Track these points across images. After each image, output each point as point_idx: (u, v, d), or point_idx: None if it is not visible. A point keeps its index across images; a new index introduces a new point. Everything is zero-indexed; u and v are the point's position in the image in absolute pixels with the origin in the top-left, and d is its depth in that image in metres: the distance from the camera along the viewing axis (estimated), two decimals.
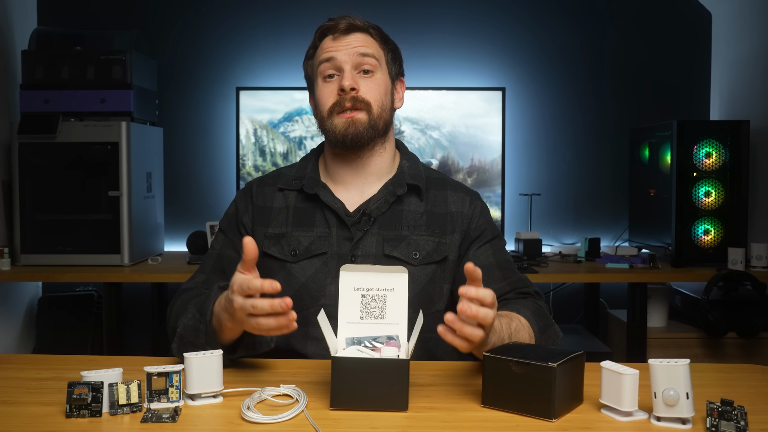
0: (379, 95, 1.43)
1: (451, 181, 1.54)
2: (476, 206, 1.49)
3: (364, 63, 1.43)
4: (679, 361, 0.98)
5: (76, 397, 1.01)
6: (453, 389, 1.15)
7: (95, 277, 2.70)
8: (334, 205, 1.43)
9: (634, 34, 3.34)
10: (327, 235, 1.42)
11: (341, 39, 1.44)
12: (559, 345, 1.34)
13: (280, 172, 1.54)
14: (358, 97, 1.41)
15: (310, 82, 1.50)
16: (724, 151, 2.79)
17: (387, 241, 1.42)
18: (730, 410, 0.96)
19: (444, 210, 1.47)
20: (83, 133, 2.72)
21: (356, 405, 1.04)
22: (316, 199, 1.45)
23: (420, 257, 1.42)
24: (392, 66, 1.49)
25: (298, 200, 1.47)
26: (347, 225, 1.42)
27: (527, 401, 1.02)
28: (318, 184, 1.46)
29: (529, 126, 3.32)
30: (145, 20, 3.29)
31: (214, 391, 1.08)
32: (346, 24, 1.44)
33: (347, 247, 1.41)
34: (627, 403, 1.00)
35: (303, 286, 1.40)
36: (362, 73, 1.43)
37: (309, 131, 3.07)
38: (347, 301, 1.13)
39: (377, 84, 1.44)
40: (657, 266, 2.76)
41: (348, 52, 1.42)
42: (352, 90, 1.40)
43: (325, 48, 1.44)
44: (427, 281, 1.42)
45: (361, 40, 1.44)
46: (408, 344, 1.11)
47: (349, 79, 1.40)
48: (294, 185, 1.48)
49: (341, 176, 1.47)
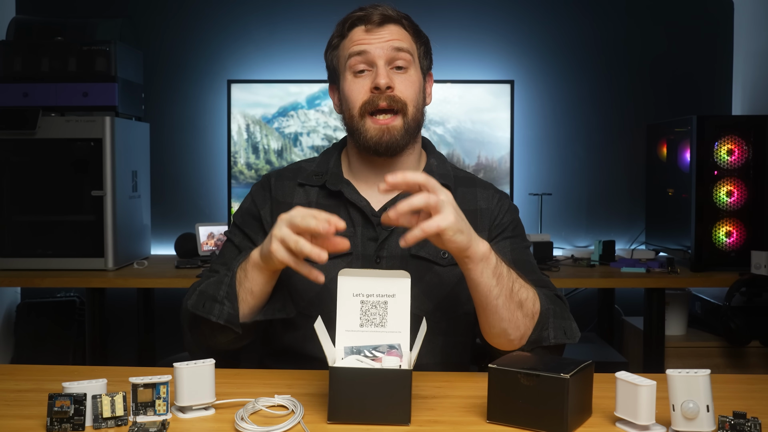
0: (414, 93, 1.43)
1: (480, 180, 1.55)
2: (504, 203, 1.50)
3: (399, 58, 1.41)
4: (699, 371, 0.98)
5: (57, 409, 1.01)
6: (458, 401, 1.16)
7: (77, 282, 2.70)
8: (360, 202, 1.43)
9: (652, 24, 3.34)
10: (352, 234, 1.42)
11: (375, 31, 1.42)
12: (571, 342, 1.34)
13: (299, 166, 1.53)
14: (394, 97, 1.40)
15: (334, 74, 1.49)
16: (747, 147, 2.79)
17: None
18: (743, 422, 0.96)
19: (474, 207, 1.47)
20: (64, 128, 2.72)
21: (355, 418, 1.04)
22: (340, 197, 1.45)
23: (449, 257, 1.41)
24: (424, 60, 1.48)
25: (320, 196, 1.47)
26: (372, 224, 1.42)
27: (537, 415, 1.01)
28: (341, 181, 1.46)
29: (540, 121, 3.32)
30: (130, 8, 3.29)
31: (206, 403, 1.08)
32: (380, 15, 1.42)
33: (372, 247, 1.41)
34: (643, 417, 1.00)
35: (326, 288, 1.39)
36: (395, 69, 1.42)
37: (305, 127, 3.07)
38: (346, 307, 1.14)
39: (412, 81, 1.43)
40: (675, 271, 2.75)
41: (382, 46, 1.40)
42: (387, 89, 1.39)
43: (356, 40, 1.42)
44: (456, 282, 1.42)
45: (395, 32, 1.43)
46: (410, 354, 1.11)
47: (384, 76, 1.38)
48: (315, 180, 1.48)
49: (365, 175, 1.48)
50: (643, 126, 3.27)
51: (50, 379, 1.26)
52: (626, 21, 3.34)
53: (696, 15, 3.34)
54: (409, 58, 1.43)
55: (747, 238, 2.80)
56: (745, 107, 3.27)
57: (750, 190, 2.79)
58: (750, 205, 2.79)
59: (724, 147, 2.79)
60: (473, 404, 1.13)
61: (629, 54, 3.34)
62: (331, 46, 1.48)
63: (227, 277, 1.32)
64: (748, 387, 1.27)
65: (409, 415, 1.05)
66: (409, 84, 1.42)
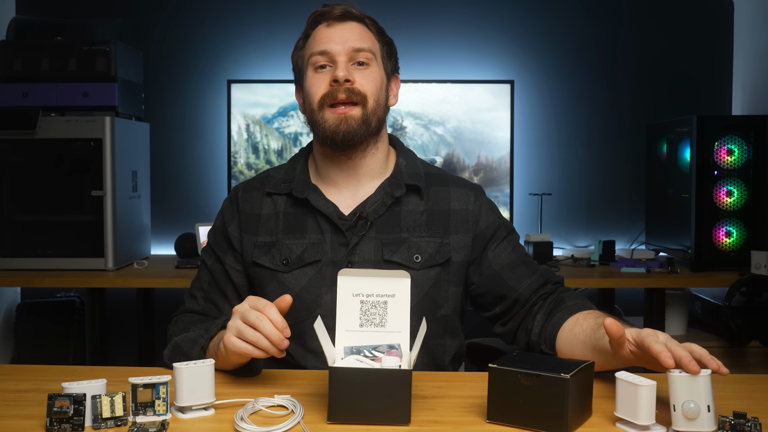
0: (374, 88, 1.43)
1: (452, 176, 1.54)
2: (482, 202, 1.50)
3: (360, 56, 1.42)
4: (700, 371, 0.98)
5: (56, 410, 1.01)
6: (458, 401, 1.15)
7: (77, 282, 2.70)
8: (326, 209, 1.43)
9: (652, 24, 3.34)
10: (320, 241, 1.42)
11: (336, 27, 1.43)
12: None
13: (268, 175, 1.53)
14: (353, 89, 1.40)
15: (299, 74, 1.49)
16: (747, 147, 2.79)
17: (386, 245, 1.42)
18: (743, 422, 0.96)
19: (446, 207, 1.47)
20: (64, 128, 2.72)
21: (355, 418, 1.04)
22: (307, 204, 1.45)
23: (422, 260, 1.42)
24: (387, 61, 1.49)
25: (287, 205, 1.47)
26: (342, 230, 1.42)
27: (537, 416, 1.01)
28: (308, 187, 1.46)
29: (540, 121, 3.32)
30: (130, 9, 3.29)
31: (206, 403, 1.08)
32: (342, 10, 1.43)
33: (343, 253, 1.41)
34: (644, 417, 0.99)
35: (297, 297, 1.39)
36: (357, 65, 1.42)
37: (305, 127, 3.07)
38: (346, 307, 1.13)
39: (373, 77, 1.43)
40: (675, 270, 2.75)
41: (343, 44, 1.41)
42: (346, 81, 1.39)
43: (318, 37, 1.43)
44: (431, 285, 1.42)
45: (357, 31, 1.43)
46: (410, 354, 1.11)
47: (343, 69, 1.39)
48: (282, 189, 1.47)
49: (332, 178, 1.47)
50: (644, 126, 3.27)
51: (50, 379, 1.26)
52: (626, 21, 3.34)
53: (696, 15, 3.34)
54: (370, 56, 1.43)
55: (747, 237, 2.80)
56: (745, 107, 3.27)
57: (750, 189, 2.79)
58: (750, 204, 2.79)
59: (724, 147, 2.79)
60: (473, 404, 1.13)
61: (629, 54, 3.34)
62: (297, 47, 1.50)
63: (202, 338, 1.30)
64: (748, 387, 1.27)
65: (409, 415, 1.05)
66: (370, 79, 1.42)
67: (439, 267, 1.43)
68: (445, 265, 1.44)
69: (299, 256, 1.42)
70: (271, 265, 1.43)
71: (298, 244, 1.43)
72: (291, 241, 1.43)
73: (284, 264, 1.42)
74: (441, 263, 1.43)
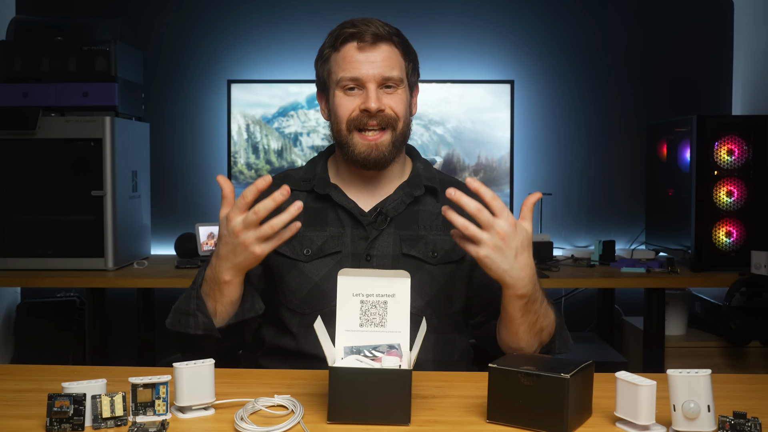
0: (403, 109, 1.47)
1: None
2: None
3: (389, 82, 1.45)
4: (700, 371, 0.98)
5: (56, 410, 1.01)
6: (458, 401, 1.15)
7: (77, 282, 2.70)
8: (347, 204, 1.47)
9: (652, 24, 3.34)
10: (341, 234, 1.46)
11: (367, 52, 1.43)
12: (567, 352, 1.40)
13: (287, 174, 1.58)
14: (384, 115, 1.44)
15: (323, 86, 1.51)
16: (747, 147, 2.79)
17: (404, 240, 1.46)
18: (743, 422, 0.96)
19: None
20: (64, 128, 2.72)
21: (355, 418, 1.04)
22: (328, 200, 1.49)
23: (439, 256, 1.47)
24: (412, 77, 1.52)
25: (308, 200, 1.50)
26: (362, 224, 1.46)
27: (537, 415, 1.01)
28: (329, 185, 1.50)
29: (540, 121, 3.32)
30: (130, 8, 3.29)
31: (206, 403, 1.08)
32: (372, 36, 1.43)
33: (362, 246, 1.45)
34: (644, 417, 1.00)
35: (316, 286, 1.44)
36: (385, 87, 1.45)
37: (305, 127, 3.07)
38: (346, 307, 1.14)
39: (401, 99, 1.46)
40: (675, 271, 2.75)
41: (374, 72, 1.43)
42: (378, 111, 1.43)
43: (348, 59, 1.44)
44: (446, 281, 1.47)
45: (386, 56, 1.44)
46: (410, 354, 1.11)
47: (375, 101, 1.42)
48: (303, 186, 1.52)
49: (353, 182, 1.52)
50: (644, 126, 3.27)
51: (50, 379, 1.26)
52: (626, 21, 3.33)
53: (696, 15, 3.34)
54: (399, 81, 1.46)
55: (747, 238, 2.79)
56: (745, 107, 3.27)
57: (750, 190, 2.79)
58: (750, 205, 2.79)
59: (724, 147, 2.79)
60: (473, 404, 1.13)
61: (629, 54, 3.33)
62: (322, 56, 1.49)
63: (194, 290, 1.37)
64: (748, 387, 1.27)
65: (409, 415, 1.05)
66: (399, 101, 1.46)
67: (455, 264, 1.48)
68: (460, 263, 1.49)
69: (320, 246, 1.46)
70: (291, 255, 1.46)
71: (318, 236, 1.47)
72: (312, 233, 1.47)
73: (306, 254, 1.46)
74: (456, 260, 1.48)
